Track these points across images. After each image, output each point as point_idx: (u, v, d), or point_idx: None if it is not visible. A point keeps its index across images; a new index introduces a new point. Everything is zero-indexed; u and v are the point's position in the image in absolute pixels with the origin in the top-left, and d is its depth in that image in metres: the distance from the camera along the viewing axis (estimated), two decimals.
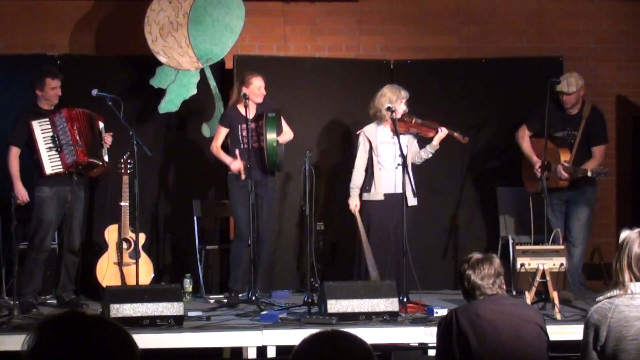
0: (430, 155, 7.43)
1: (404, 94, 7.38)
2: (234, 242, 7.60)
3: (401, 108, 7.34)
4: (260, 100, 7.40)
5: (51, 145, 7.10)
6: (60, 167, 7.11)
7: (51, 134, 7.11)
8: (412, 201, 7.25)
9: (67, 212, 7.19)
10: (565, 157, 7.52)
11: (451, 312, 4.02)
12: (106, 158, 7.35)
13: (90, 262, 7.49)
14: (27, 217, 7.27)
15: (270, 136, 7.34)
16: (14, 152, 7.11)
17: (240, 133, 7.40)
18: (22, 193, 7.05)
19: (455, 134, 7.39)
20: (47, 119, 7.12)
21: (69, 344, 1.87)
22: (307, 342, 2.16)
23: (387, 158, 7.35)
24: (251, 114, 7.32)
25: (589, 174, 7.29)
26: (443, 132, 7.32)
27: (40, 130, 7.11)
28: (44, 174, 7.08)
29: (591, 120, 7.57)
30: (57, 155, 7.11)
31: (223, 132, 7.49)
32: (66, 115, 7.13)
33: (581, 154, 7.53)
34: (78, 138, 7.12)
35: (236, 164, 7.31)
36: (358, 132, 7.53)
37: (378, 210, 7.37)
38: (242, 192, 7.26)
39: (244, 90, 7.33)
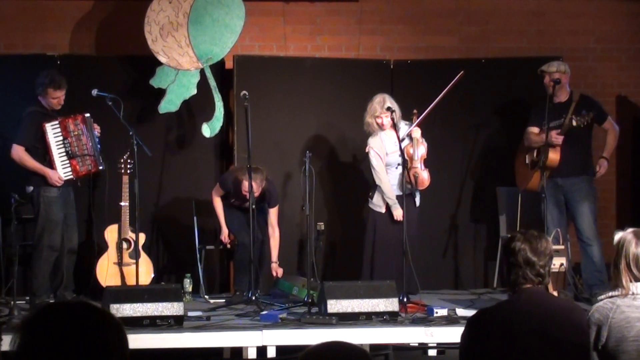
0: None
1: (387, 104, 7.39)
2: (237, 251, 7.69)
3: (387, 120, 7.36)
4: (245, 196, 7.36)
5: (62, 150, 7.11)
6: (71, 174, 7.13)
7: (61, 138, 7.12)
8: (418, 201, 7.52)
9: (68, 212, 7.21)
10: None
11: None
12: (101, 159, 7.33)
13: (90, 262, 7.49)
14: (29, 217, 7.25)
15: None
16: (22, 149, 7.07)
17: (231, 201, 7.69)
18: (55, 177, 7.04)
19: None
20: (57, 122, 7.12)
21: (55, 333, 1.88)
22: (308, 354, 2.14)
23: (394, 162, 7.43)
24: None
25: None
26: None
27: (53, 135, 7.11)
28: None
29: (583, 104, 7.49)
30: (68, 162, 7.12)
31: (221, 192, 7.71)
32: (81, 122, 7.14)
33: (570, 136, 7.39)
34: (90, 145, 7.14)
35: (225, 233, 7.70)
36: (367, 150, 7.53)
37: (383, 216, 7.46)
38: (230, 211, 7.69)
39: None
